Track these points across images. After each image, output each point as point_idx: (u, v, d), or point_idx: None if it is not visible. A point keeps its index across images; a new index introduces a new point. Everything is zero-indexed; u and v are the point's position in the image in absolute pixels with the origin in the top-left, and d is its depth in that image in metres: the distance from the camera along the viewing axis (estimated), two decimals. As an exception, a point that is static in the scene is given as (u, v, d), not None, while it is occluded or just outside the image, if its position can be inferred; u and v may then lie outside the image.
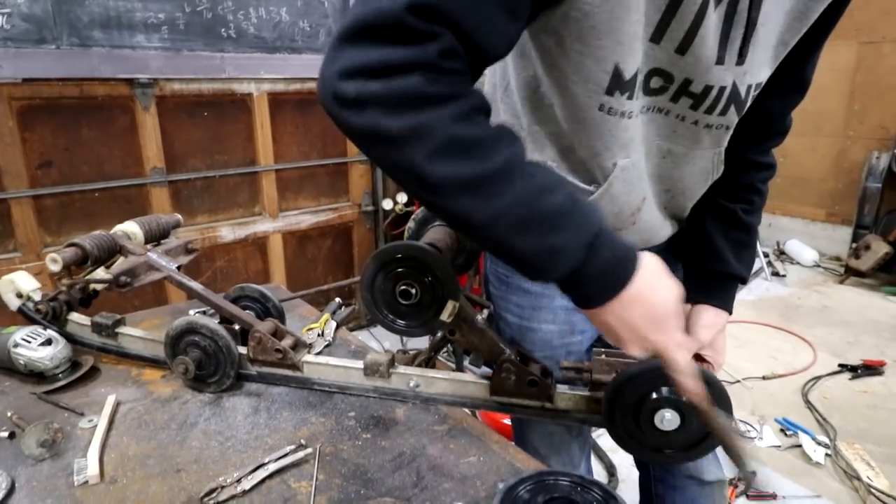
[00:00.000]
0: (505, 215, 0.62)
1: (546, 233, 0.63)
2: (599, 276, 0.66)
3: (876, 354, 3.20)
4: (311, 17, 3.06)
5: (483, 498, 0.81)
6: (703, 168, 0.94)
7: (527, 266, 0.66)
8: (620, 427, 0.85)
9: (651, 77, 0.78)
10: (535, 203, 0.62)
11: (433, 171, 0.59)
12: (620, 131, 0.81)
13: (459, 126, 0.59)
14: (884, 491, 2.09)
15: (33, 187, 2.49)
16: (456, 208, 0.62)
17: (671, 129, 0.86)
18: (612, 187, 0.87)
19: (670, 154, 0.90)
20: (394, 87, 0.57)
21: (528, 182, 0.63)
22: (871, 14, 4.40)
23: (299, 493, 0.82)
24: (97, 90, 2.55)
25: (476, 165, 0.60)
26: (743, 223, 1.04)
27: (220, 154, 3.01)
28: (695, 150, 0.90)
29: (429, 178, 0.60)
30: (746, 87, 0.82)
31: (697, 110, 0.82)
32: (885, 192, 4.45)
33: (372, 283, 0.95)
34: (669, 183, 0.96)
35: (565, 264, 0.64)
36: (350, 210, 3.58)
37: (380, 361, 1.03)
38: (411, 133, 0.58)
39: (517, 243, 0.63)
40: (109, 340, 1.21)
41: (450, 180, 0.60)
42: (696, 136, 0.87)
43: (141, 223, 1.29)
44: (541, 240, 0.63)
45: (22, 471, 0.87)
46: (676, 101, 0.82)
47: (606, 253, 0.66)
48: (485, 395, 0.97)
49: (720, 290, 1.03)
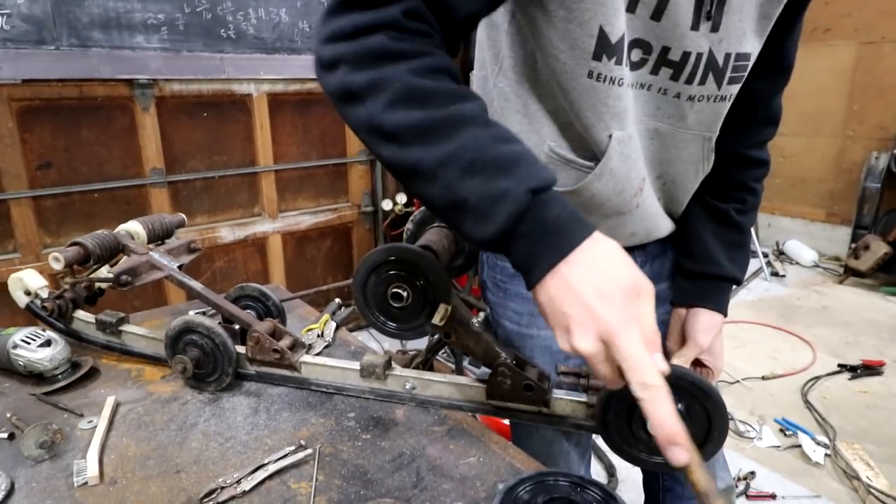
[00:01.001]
0: (453, 157, 0.60)
1: (491, 177, 0.59)
2: (544, 231, 0.59)
3: (875, 354, 3.21)
4: (310, 18, 3.06)
5: (483, 498, 0.81)
6: (693, 155, 0.93)
7: (470, 217, 0.61)
8: (614, 432, 0.85)
9: (631, 49, 0.79)
10: (487, 147, 0.60)
11: (389, 118, 0.61)
12: (612, 100, 0.80)
13: (418, 79, 0.61)
14: (883, 491, 2.09)
15: (33, 188, 2.49)
16: (409, 156, 0.62)
17: (655, 106, 0.86)
18: (610, 161, 0.86)
19: (658, 135, 0.90)
20: (360, 46, 0.62)
21: (483, 130, 0.61)
22: (871, 14, 4.41)
23: (299, 493, 0.82)
24: (97, 91, 2.56)
25: (430, 112, 0.61)
26: (736, 223, 1.03)
27: (220, 155, 3.01)
28: (681, 132, 0.89)
29: (385, 127, 0.62)
30: (724, 55, 0.81)
31: (678, 81, 0.83)
32: (884, 192, 4.45)
33: (364, 285, 0.95)
34: (660, 169, 0.95)
35: (506, 210, 0.58)
36: (349, 211, 3.58)
37: (376, 363, 1.03)
38: (372, 85, 0.62)
39: (463, 189, 0.60)
40: (113, 338, 1.22)
41: (403, 126, 0.61)
42: (681, 112, 0.87)
43: (144, 223, 1.30)
44: (486, 184, 0.59)
45: (21, 472, 0.87)
46: (657, 73, 0.82)
47: (555, 208, 0.60)
48: (481, 399, 0.97)
49: (715, 292, 1.02)
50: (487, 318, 1.16)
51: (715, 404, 0.77)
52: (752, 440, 2.49)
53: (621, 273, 0.58)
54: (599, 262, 0.58)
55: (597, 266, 0.58)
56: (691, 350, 1.00)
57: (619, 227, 0.97)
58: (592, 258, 0.58)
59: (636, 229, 0.99)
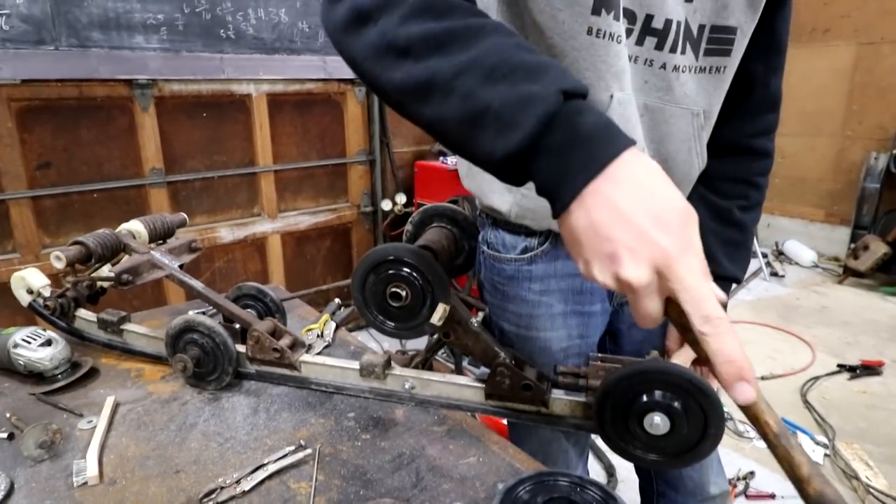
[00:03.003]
0: (475, 63, 0.54)
1: (518, 81, 0.53)
2: (578, 140, 0.51)
3: (874, 354, 3.21)
4: (309, 18, 3.06)
5: (482, 499, 0.81)
6: (684, 132, 0.91)
7: (492, 128, 0.54)
8: (611, 431, 0.85)
9: (625, 16, 0.80)
10: (512, 53, 0.55)
11: (403, 31, 0.57)
12: (612, 57, 0.80)
13: None
14: (882, 491, 2.09)
15: (32, 188, 2.49)
16: (425, 70, 0.56)
17: (643, 80, 0.86)
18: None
19: (647, 111, 0.89)
20: None
21: (506, 38, 0.56)
22: (870, 14, 4.42)
23: (299, 493, 0.82)
24: (96, 91, 2.56)
25: (449, 22, 0.57)
26: (737, 222, 1.00)
27: (219, 155, 3.01)
28: (670, 106, 0.88)
29: (399, 41, 0.57)
30: (698, 26, 0.82)
31: (663, 49, 0.83)
32: (883, 193, 4.46)
33: (363, 284, 0.95)
34: (653, 148, 0.93)
35: (535, 113, 0.51)
36: (349, 211, 3.58)
37: (375, 362, 1.03)
38: (386, 2, 0.58)
39: (485, 95, 0.53)
40: (115, 337, 1.22)
41: (419, 37, 0.56)
42: (667, 84, 0.86)
43: (146, 222, 1.30)
44: (511, 88, 0.52)
45: (21, 472, 0.87)
46: (642, 44, 0.82)
47: (589, 115, 0.52)
48: (480, 399, 0.97)
49: None
50: (486, 318, 1.16)
51: (712, 403, 0.78)
52: (752, 440, 2.49)
53: (672, 194, 0.51)
54: (647, 180, 0.50)
55: (645, 183, 0.50)
56: (689, 350, 1.00)
57: None
58: (636, 174, 0.50)
59: None
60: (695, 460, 0.84)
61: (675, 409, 0.79)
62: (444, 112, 0.56)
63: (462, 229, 1.09)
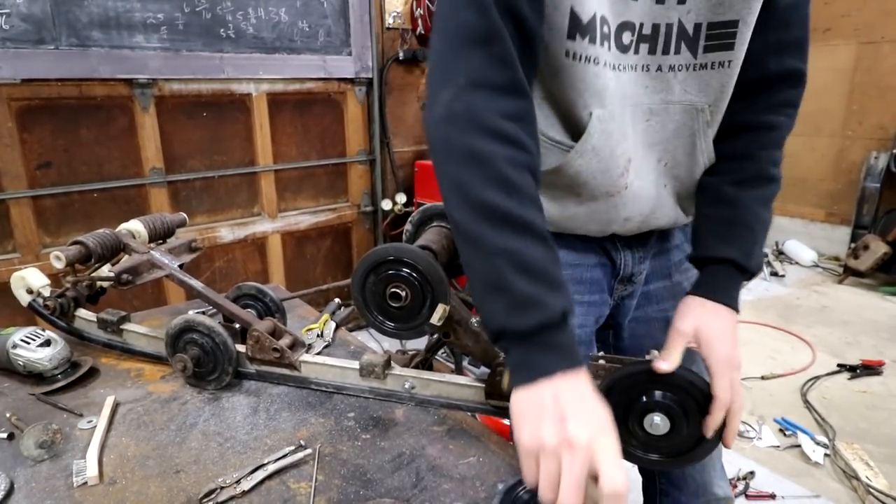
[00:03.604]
0: (516, 253, 0.69)
1: (540, 285, 0.69)
2: (554, 344, 0.69)
3: (874, 354, 3.21)
4: (310, 18, 3.06)
5: (483, 498, 0.81)
6: (687, 128, 0.91)
7: (507, 304, 0.70)
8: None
9: (621, 33, 0.82)
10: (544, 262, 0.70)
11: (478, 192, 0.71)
12: (590, 77, 0.83)
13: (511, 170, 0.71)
14: (882, 491, 2.09)
15: (32, 188, 2.49)
16: (478, 229, 0.71)
17: (643, 86, 0.87)
18: (591, 138, 0.87)
19: (652, 115, 0.90)
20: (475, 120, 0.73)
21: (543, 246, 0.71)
22: (870, 14, 4.41)
23: (299, 493, 0.82)
24: (96, 91, 2.55)
25: (512, 204, 0.70)
26: (728, 198, 0.93)
27: (219, 154, 3.01)
28: (672, 106, 0.89)
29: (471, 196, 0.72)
30: (693, 25, 0.83)
31: (655, 53, 0.85)
32: (883, 192, 4.45)
33: (363, 284, 0.95)
34: (661, 150, 0.94)
35: (538, 318, 0.68)
36: (349, 210, 3.58)
37: (375, 362, 1.03)
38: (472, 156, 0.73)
39: (513, 281, 0.69)
40: (115, 337, 1.22)
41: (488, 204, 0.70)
42: (666, 85, 0.88)
43: (145, 222, 1.30)
44: (533, 287, 0.69)
45: (21, 472, 0.87)
46: (637, 52, 0.84)
47: (563, 337, 0.69)
48: (480, 398, 0.97)
49: (705, 276, 0.92)
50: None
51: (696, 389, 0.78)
52: (752, 440, 2.49)
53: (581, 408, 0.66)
54: (571, 396, 0.67)
55: (568, 397, 0.66)
56: (671, 338, 0.87)
57: (612, 210, 0.96)
58: (571, 389, 0.67)
59: (629, 213, 0.97)
60: (695, 460, 0.84)
61: (675, 410, 0.79)
62: (475, 262, 0.72)
63: (462, 229, 1.09)
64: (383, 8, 3.33)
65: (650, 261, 1.09)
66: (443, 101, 0.74)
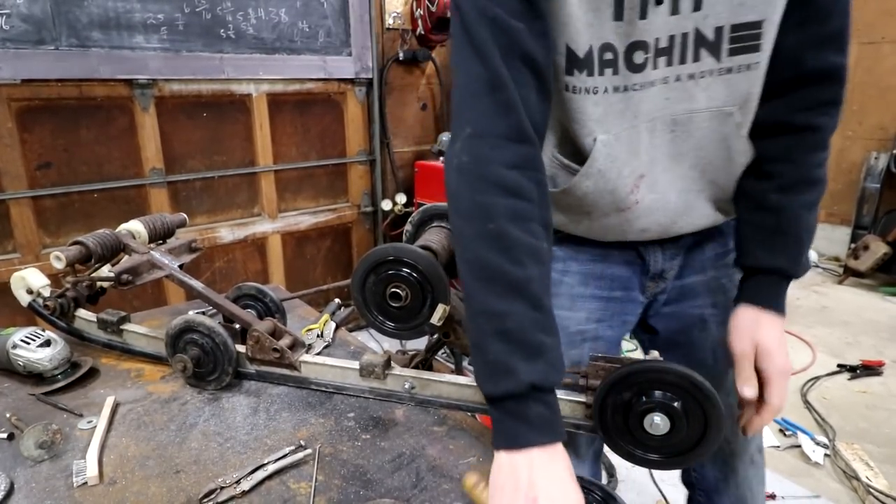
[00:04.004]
0: (498, 317, 0.71)
1: (514, 353, 0.71)
2: (526, 416, 0.70)
3: (874, 355, 3.21)
4: (310, 18, 3.06)
5: (482, 498, 0.81)
6: (717, 132, 0.88)
7: (481, 366, 0.74)
8: (611, 431, 0.85)
9: (633, 53, 0.81)
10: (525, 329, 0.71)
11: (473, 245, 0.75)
12: (590, 107, 0.84)
13: (510, 227, 0.74)
14: (882, 491, 2.09)
15: (32, 188, 2.49)
16: (470, 283, 0.74)
17: (664, 98, 0.86)
18: (596, 162, 0.88)
19: (677, 125, 0.88)
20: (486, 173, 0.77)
21: (531, 312, 0.72)
22: (871, 14, 4.41)
23: (298, 493, 0.82)
24: (96, 91, 2.55)
25: (505, 267, 0.72)
26: (771, 205, 0.90)
27: (219, 155, 3.01)
28: (698, 114, 0.87)
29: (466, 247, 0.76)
30: (713, 29, 0.80)
31: (672, 64, 0.83)
32: (883, 193, 4.46)
33: (363, 284, 0.95)
34: (692, 158, 0.91)
35: (506, 386, 0.70)
36: (349, 211, 3.58)
37: (375, 362, 1.03)
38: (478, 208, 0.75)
39: (489, 344, 0.72)
40: (115, 337, 1.22)
41: (482, 260, 0.74)
42: (689, 94, 0.85)
43: (145, 222, 1.30)
44: (506, 355, 0.71)
45: (21, 472, 0.87)
46: (656, 67, 0.83)
47: (538, 407, 0.70)
48: (480, 398, 0.97)
49: (752, 286, 0.94)
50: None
51: (712, 403, 0.78)
52: (752, 440, 2.49)
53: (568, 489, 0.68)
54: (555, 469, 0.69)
55: (553, 471, 0.68)
56: (738, 363, 0.89)
57: (625, 223, 0.96)
58: (550, 461, 0.69)
59: (646, 225, 0.96)
60: (695, 460, 0.84)
61: (675, 409, 0.79)
62: (467, 321, 0.76)
63: (462, 229, 1.09)
64: (383, 8, 3.34)
65: (682, 256, 1.06)
66: (454, 152, 0.77)
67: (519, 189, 0.74)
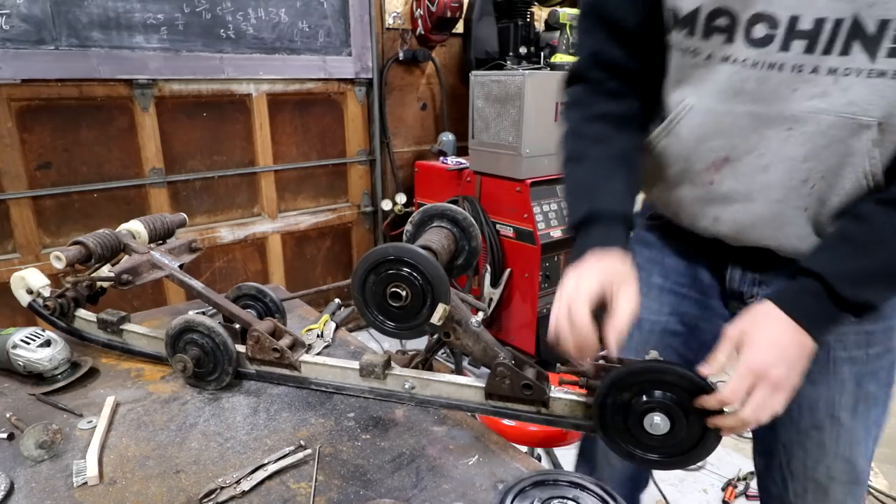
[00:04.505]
0: (566, 178, 1.01)
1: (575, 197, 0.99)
2: (588, 234, 0.91)
3: (875, 354, 3.20)
4: (310, 18, 3.06)
5: (482, 498, 0.81)
6: (845, 145, 0.75)
7: (567, 207, 1.00)
8: (611, 430, 0.85)
9: (752, 26, 0.74)
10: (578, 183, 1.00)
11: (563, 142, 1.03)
12: (687, 68, 0.87)
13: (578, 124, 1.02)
14: (882, 491, 2.09)
15: (32, 188, 2.49)
16: (559, 160, 1.02)
17: (790, 88, 0.76)
18: (673, 125, 0.91)
19: (796, 123, 0.77)
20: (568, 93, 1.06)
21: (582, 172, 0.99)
22: (870, 14, 4.40)
23: (299, 493, 0.82)
24: (96, 91, 2.55)
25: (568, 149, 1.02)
26: (858, 211, 0.78)
27: (219, 155, 3.01)
28: (828, 117, 0.75)
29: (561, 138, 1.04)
30: (877, 21, 0.68)
31: (814, 52, 0.72)
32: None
33: (363, 284, 0.95)
34: (807, 169, 0.79)
35: (572, 218, 0.95)
36: (349, 211, 3.58)
37: (375, 362, 1.03)
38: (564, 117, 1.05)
39: (567, 196, 1.01)
40: (115, 337, 1.22)
41: (561, 148, 1.03)
42: (822, 90, 0.74)
43: (145, 222, 1.30)
44: (572, 198, 0.99)
45: (21, 472, 0.87)
46: (788, 49, 0.74)
47: (601, 228, 0.91)
48: (480, 399, 0.98)
49: (788, 284, 0.81)
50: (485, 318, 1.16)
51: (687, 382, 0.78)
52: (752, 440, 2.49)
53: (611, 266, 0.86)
54: (603, 258, 0.86)
55: (601, 258, 0.87)
56: (721, 341, 0.81)
57: (696, 203, 0.92)
58: (603, 253, 0.87)
59: (717, 213, 0.90)
60: (695, 460, 0.84)
61: (675, 409, 0.79)
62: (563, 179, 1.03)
63: (462, 229, 1.09)
64: (383, 8, 3.34)
65: (772, 287, 0.94)
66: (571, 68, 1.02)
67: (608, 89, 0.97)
